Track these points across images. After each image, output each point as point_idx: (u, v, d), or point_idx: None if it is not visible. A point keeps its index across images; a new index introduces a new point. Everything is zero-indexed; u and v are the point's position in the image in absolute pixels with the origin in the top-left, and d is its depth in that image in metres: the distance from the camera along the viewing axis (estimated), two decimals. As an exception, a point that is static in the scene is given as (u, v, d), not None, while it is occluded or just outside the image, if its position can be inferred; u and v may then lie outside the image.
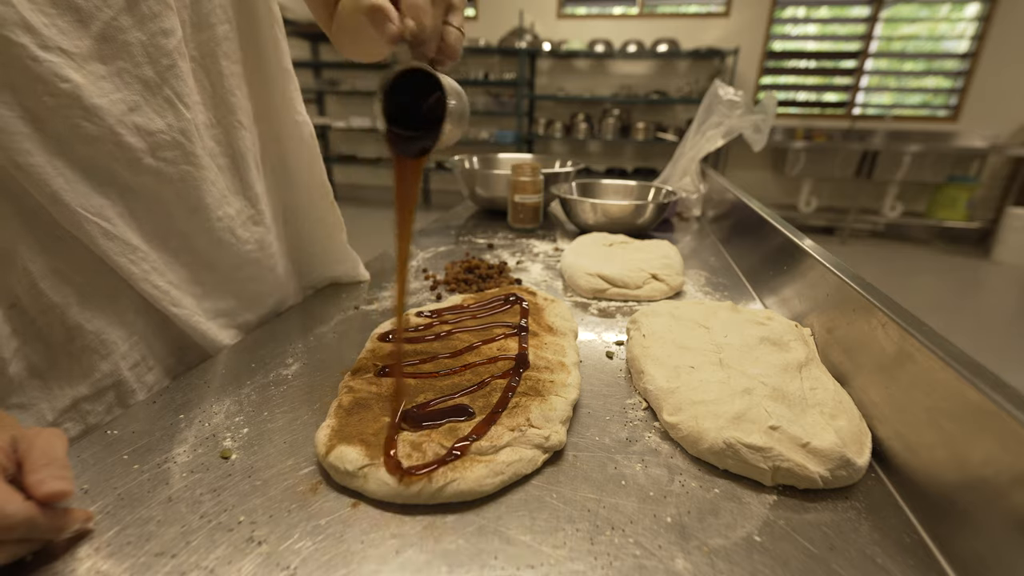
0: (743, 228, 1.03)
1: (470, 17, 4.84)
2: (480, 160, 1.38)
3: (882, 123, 4.34)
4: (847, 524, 0.35)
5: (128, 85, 0.42)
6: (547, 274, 0.85)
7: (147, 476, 0.37)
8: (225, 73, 0.52)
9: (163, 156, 0.46)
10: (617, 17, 4.57)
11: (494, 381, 0.46)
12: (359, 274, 0.77)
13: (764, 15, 4.30)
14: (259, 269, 0.61)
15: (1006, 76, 3.97)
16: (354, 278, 0.77)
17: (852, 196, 4.25)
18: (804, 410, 0.42)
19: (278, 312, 0.68)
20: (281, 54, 0.59)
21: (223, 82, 0.52)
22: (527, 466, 0.38)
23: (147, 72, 0.43)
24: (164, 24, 0.43)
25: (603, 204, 1.03)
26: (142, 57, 0.42)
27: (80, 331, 0.45)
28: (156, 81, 0.44)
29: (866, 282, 0.54)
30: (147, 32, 0.42)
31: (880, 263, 3.81)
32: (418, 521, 0.34)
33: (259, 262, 0.60)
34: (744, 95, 1.18)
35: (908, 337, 0.42)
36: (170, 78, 0.45)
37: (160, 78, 0.44)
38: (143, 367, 0.51)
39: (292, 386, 0.50)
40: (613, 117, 4.60)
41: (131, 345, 0.50)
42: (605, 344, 0.61)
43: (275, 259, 0.63)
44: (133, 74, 0.42)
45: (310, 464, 0.39)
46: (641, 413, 0.47)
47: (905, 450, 0.39)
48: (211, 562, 0.30)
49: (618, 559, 0.31)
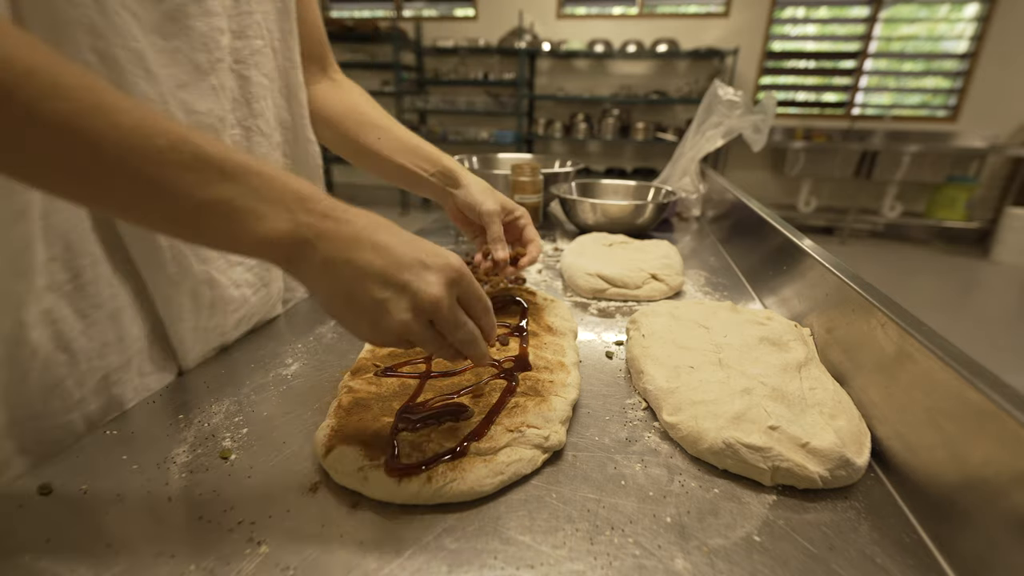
0: (743, 228, 1.03)
1: (470, 17, 4.84)
2: (480, 160, 1.38)
3: (881, 123, 4.34)
4: (847, 524, 0.35)
5: (179, 64, 0.44)
6: (547, 274, 0.85)
7: (147, 476, 0.37)
8: (253, 81, 0.54)
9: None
10: (617, 17, 4.57)
11: (493, 381, 0.46)
12: None
13: (764, 15, 4.30)
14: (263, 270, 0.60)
15: (1005, 76, 3.98)
16: None
17: (851, 196, 4.25)
18: (803, 410, 0.42)
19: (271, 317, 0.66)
20: (300, 82, 0.62)
21: (250, 88, 0.54)
22: (527, 466, 0.38)
23: (200, 58, 0.46)
24: (221, 24, 0.47)
25: (603, 204, 1.03)
26: (199, 44, 0.45)
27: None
28: (206, 68, 0.47)
29: (865, 282, 0.54)
30: (208, 25, 0.46)
31: (879, 263, 3.81)
32: (418, 521, 0.34)
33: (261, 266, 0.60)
34: (744, 95, 1.18)
35: (907, 337, 0.42)
36: (218, 70, 0.48)
37: (210, 67, 0.47)
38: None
39: (292, 386, 0.50)
40: (613, 117, 4.60)
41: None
42: (605, 344, 0.61)
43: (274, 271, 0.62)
44: (187, 56, 0.45)
45: (310, 464, 0.39)
46: (641, 413, 0.47)
47: (905, 450, 0.39)
48: (211, 562, 0.30)
49: (618, 559, 0.31)
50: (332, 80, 0.71)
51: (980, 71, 4.04)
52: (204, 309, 0.51)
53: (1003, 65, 3.96)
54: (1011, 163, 4.06)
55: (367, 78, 5.07)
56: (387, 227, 0.35)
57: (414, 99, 4.96)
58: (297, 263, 0.33)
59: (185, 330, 0.50)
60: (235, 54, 0.51)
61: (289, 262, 0.33)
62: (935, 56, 4.23)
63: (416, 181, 0.67)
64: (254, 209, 0.31)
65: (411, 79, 4.96)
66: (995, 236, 3.91)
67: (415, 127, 5.11)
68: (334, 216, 0.33)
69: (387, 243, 0.34)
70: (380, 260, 0.33)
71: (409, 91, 4.92)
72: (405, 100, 4.83)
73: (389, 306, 0.33)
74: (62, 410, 0.41)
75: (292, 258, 0.33)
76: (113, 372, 0.45)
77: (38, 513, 0.34)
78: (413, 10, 4.96)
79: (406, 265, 0.34)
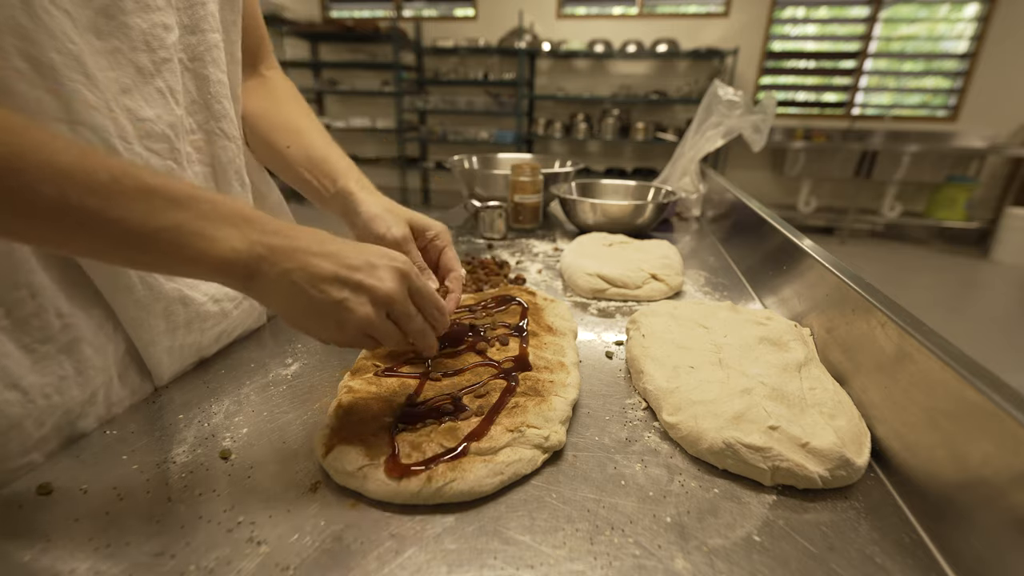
0: (742, 228, 1.03)
1: (470, 17, 4.84)
2: (480, 160, 1.38)
3: (881, 123, 4.34)
4: (846, 524, 0.35)
5: (120, 66, 0.41)
6: (547, 274, 0.85)
7: (147, 476, 0.37)
8: (212, 79, 0.50)
9: (152, 147, 0.44)
10: (617, 17, 4.58)
11: (493, 381, 0.46)
12: None
13: (763, 15, 4.30)
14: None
15: (1005, 76, 3.98)
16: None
17: (851, 196, 4.25)
18: (803, 410, 0.42)
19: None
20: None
21: (209, 88, 0.50)
22: (527, 466, 0.38)
23: (142, 59, 0.42)
24: (165, 19, 0.43)
25: (603, 204, 1.03)
26: (140, 43, 0.42)
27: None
28: (150, 70, 0.43)
29: (865, 282, 0.54)
30: (148, 21, 0.42)
31: (879, 263, 3.81)
32: (418, 521, 0.34)
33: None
34: (743, 95, 1.18)
35: (907, 337, 0.42)
36: (164, 71, 0.44)
37: (155, 68, 0.43)
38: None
39: (291, 386, 0.50)
40: (612, 117, 4.60)
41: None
42: (605, 344, 0.61)
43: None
44: (128, 57, 0.41)
45: (309, 464, 0.39)
46: (640, 413, 0.47)
47: (904, 450, 0.39)
48: (211, 562, 0.30)
49: (618, 559, 0.31)
50: (261, 77, 0.64)
51: (980, 71, 4.04)
52: (179, 328, 0.49)
53: (1003, 65, 3.96)
54: (1011, 163, 4.06)
55: (367, 78, 5.08)
56: (332, 238, 0.38)
57: (414, 99, 4.96)
58: (254, 280, 0.34)
59: (160, 352, 0.48)
60: (189, 51, 0.47)
61: (247, 279, 0.34)
62: (935, 56, 4.23)
63: (319, 199, 0.60)
64: (207, 233, 0.32)
65: (411, 79, 4.96)
66: (995, 236, 3.91)
67: (415, 127, 5.12)
68: (283, 233, 0.35)
69: (336, 250, 0.36)
70: (332, 265, 0.36)
71: (409, 91, 4.92)
72: (405, 100, 4.83)
73: (349, 304, 0.36)
74: (19, 452, 0.38)
75: (249, 275, 0.34)
76: (76, 406, 0.41)
77: (38, 513, 0.34)
78: (413, 10, 4.96)
79: (356, 266, 0.36)
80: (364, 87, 4.99)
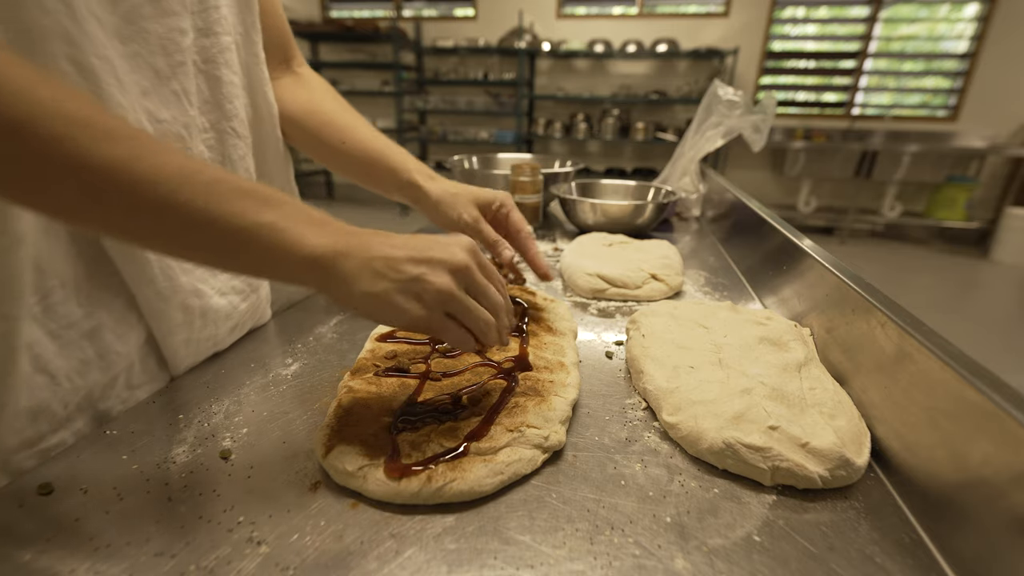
0: (742, 228, 1.03)
1: (470, 17, 4.84)
2: (479, 160, 1.38)
3: (881, 123, 4.34)
4: (846, 524, 0.35)
5: (140, 70, 0.43)
6: (547, 274, 0.85)
7: (147, 476, 0.37)
8: (224, 80, 0.52)
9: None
10: (616, 17, 4.58)
11: (493, 381, 0.46)
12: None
13: (763, 15, 4.31)
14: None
15: (1005, 76, 3.98)
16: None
17: (851, 196, 4.25)
18: (803, 410, 0.42)
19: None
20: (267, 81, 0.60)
21: (221, 88, 0.52)
22: (526, 466, 0.38)
23: (159, 63, 0.44)
24: (180, 24, 0.45)
25: (603, 204, 1.03)
26: (156, 47, 0.44)
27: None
28: (166, 73, 0.45)
29: (865, 282, 0.54)
30: (164, 26, 0.44)
31: (879, 263, 3.81)
32: (417, 521, 0.34)
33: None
34: (743, 95, 1.18)
35: (907, 337, 0.42)
36: (180, 74, 0.46)
37: (171, 71, 0.45)
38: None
39: (292, 386, 0.50)
40: (612, 117, 4.61)
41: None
42: (604, 344, 0.61)
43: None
44: (147, 61, 0.43)
45: (309, 464, 0.39)
46: (640, 413, 0.47)
47: (904, 450, 0.39)
48: (211, 562, 0.30)
49: (617, 559, 0.31)
50: (295, 74, 0.67)
51: (980, 71, 4.04)
52: (196, 320, 0.50)
53: (1003, 65, 3.96)
54: (1011, 163, 4.07)
55: (367, 78, 5.08)
56: (395, 235, 0.40)
57: (414, 99, 4.97)
58: (336, 271, 0.36)
59: (177, 343, 0.50)
60: (203, 53, 0.49)
61: (329, 272, 0.36)
62: (935, 56, 4.23)
63: (383, 189, 0.67)
64: (296, 229, 0.35)
65: (411, 79, 4.96)
66: (995, 236, 3.91)
67: (415, 127, 5.12)
68: (355, 231, 0.38)
69: (403, 241, 0.39)
70: (405, 251, 0.38)
71: (409, 91, 4.92)
72: (405, 100, 4.83)
73: (427, 276, 0.37)
74: (50, 431, 0.41)
75: (332, 267, 0.36)
76: (97, 389, 0.44)
77: (38, 513, 0.34)
78: (413, 10, 4.96)
79: (428, 247, 0.39)
80: (364, 87, 4.99)
